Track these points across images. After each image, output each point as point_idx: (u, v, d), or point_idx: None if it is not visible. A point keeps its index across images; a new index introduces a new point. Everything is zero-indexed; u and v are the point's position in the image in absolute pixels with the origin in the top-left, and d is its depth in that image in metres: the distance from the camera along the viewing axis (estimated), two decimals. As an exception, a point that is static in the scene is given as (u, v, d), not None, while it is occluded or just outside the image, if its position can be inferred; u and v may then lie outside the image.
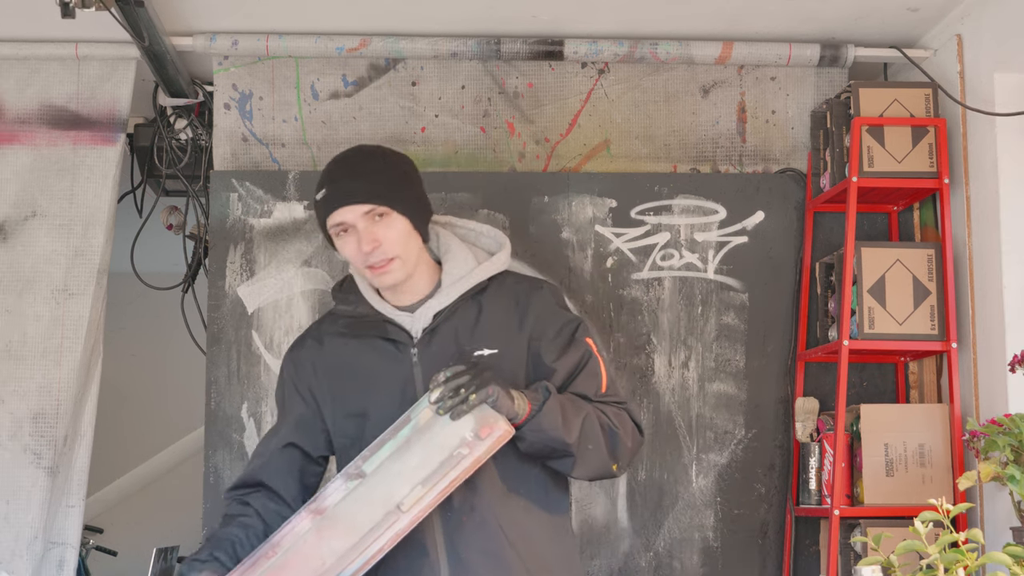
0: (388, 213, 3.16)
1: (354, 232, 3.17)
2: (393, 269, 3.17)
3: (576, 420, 3.05)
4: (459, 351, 3.17)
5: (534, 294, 3.25)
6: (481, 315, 3.22)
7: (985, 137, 4.14)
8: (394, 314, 3.23)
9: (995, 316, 4.07)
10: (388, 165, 3.26)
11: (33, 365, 4.40)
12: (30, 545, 4.29)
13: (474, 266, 3.27)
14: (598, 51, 4.52)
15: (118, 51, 4.50)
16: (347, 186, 3.18)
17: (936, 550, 2.82)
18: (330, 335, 3.31)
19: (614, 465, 3.14)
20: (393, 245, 3.16)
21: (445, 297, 3.22)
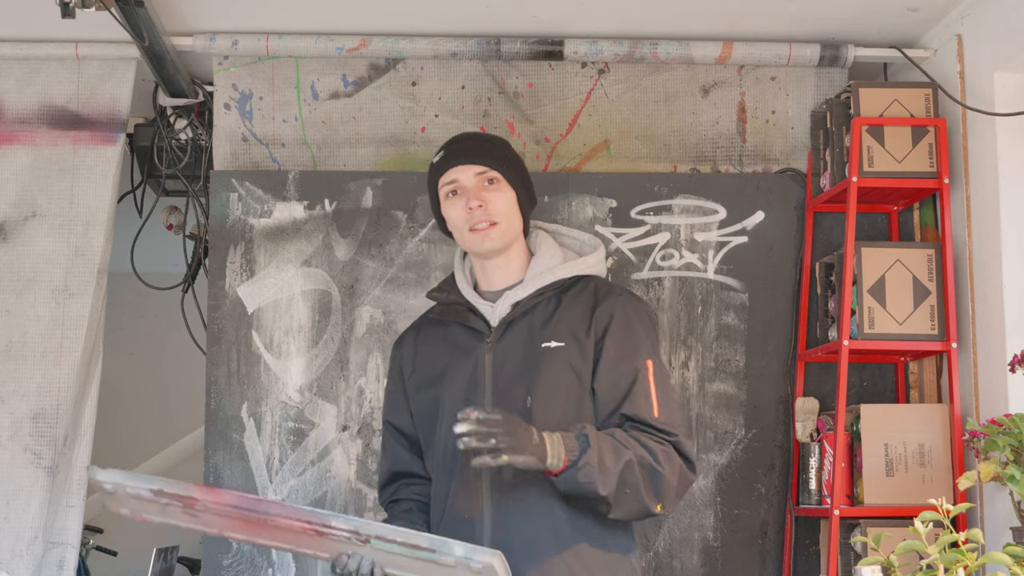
0: (499, 180, 3.31)
1: (463, 194, 3.30)
2: (493, 235, 3.29)
3: (614, 469, 3.05)
4: (529, 344, 3.25)
5: (614, 299, 3.31)
6: (558, 310, 3.29)
7: (985, 137, 4.13)
8: (477, 302, 3.35)
9: (995, 316, 4.06)
10: (506, 143, 3.45)
11: (33, 365, 4.39)
12: (30, 545, 4.29)
13: (560, 262, 3.36)
14: (598, 51, 4.52)
15: (118, 51, 4.49)
16: (465, 147, 3.36)
17: (936, 550, 2.81)
18: (426, 322, 3.47)
19: (657, 506, 3.14)
20: (498, 210, 3.29)
21: (524, 289, 3.31)
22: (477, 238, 3.29)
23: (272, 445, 4.38)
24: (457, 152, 3.36)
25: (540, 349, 3.25)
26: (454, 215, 3.34)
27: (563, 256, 3.40)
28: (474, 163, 3.32)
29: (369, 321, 4.44)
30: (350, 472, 4.38)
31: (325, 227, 4.47)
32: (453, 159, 3.35)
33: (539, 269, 3.35)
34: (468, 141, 3.41)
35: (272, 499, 2.94)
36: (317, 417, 4.41)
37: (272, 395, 4.40)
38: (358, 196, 4.48)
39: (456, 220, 3.33)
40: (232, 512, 2.90)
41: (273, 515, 2.89)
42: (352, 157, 4.60)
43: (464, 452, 2.99)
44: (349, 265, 4.46)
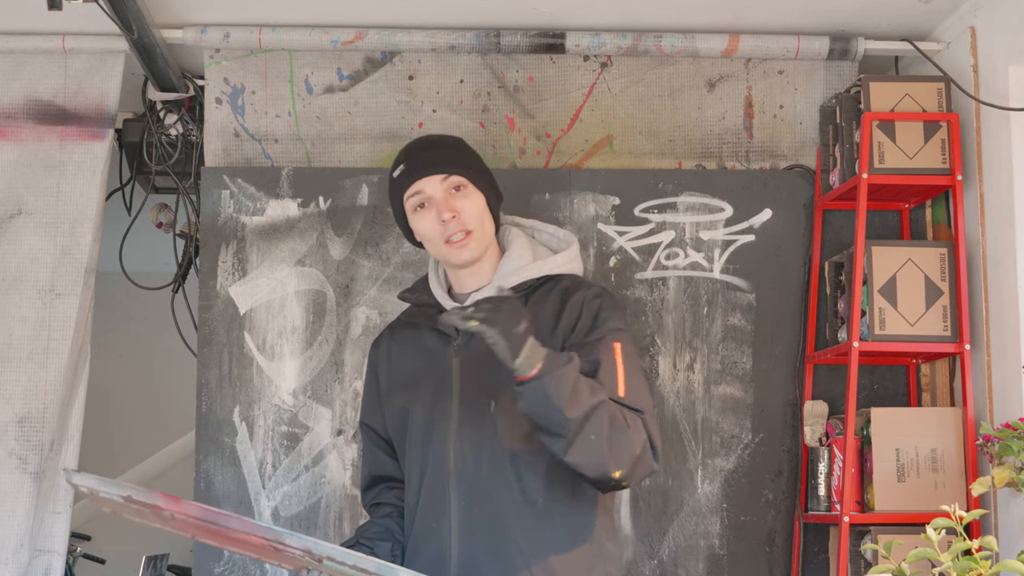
0: (466, 185, 3.28)
1: (432, 205, 3.27)
2: (471, 245, 3.26)
3: (587, 401, 2.98)
4: None
5: (584, 297, 3.26)
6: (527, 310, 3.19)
7: (999, 132, 4.10)
8: (447, 303, 3.33)
9: (1010, 317, 4.03)
10: (462, 144, 3.42)
11: (19, 367, 4.37)
12: (16, 553, 4.26)
13: (529, 262, 3.33)
14: (600, 44, 4.50)
15: (106, 44, 4.48)
16: (425, 157, 3.31)
17: (949, 558, 2.80)
18: (399, 324, 3.47)
19: (616, 471, 3.04)
20: (471, 217, 3.26)
21: (489, 290, 3.27)
22: (454, 251, 3.27)
23: (265, 450, 4.36)
24: (419, 164, 3.32)
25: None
26: (425, 229, 3.31)
27: (533, 255, 3.36)
28: (438, 172, 3.28)
29: (365, 322, 4.42)
30: (345, 477, 4.36)
31: (319, 225, 4.45)
32: (416, 171, 3.31)
33: (507, 270, 3.33)
34: (428, 151, 3.36)
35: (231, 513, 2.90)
36: (311, 421, 4.39)
37: (265, 398, 4.39)
38: (353, 193, 4.46)
39: (429, 233, 3.30)
40: (196, 523, 2.90)
41: (233, 528, 2.88)
42: (347, 153, 4.58)
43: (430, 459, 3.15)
44: (344, 264, 4.44)
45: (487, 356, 3.12)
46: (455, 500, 3.18)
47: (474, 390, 3.22)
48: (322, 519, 4.32)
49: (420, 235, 3.34)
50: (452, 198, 3.26)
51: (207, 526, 2.87)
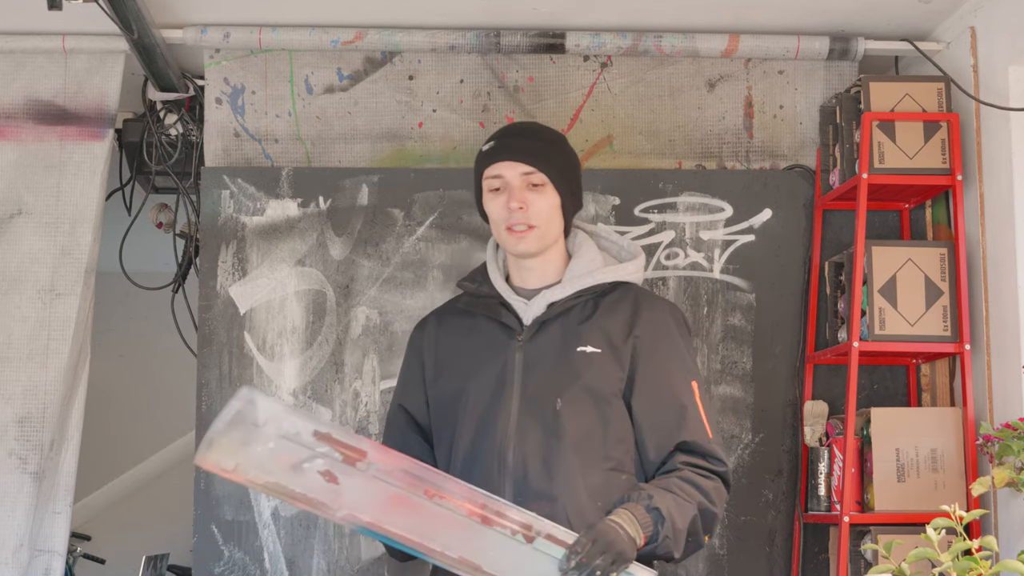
0: (544, 184, 3.26)
1: (506, 191, 3.25)
2: (529, 238, 3.24)
3: (684, 529, 3.06)
4: (562, 346, 3.21)
5: (655, 307, 3.29)
6: (595, 314, 3.25)
7: (999, 132, 4.09)
8: (511, 297, 3.30)
9: (1010, 317, 4.02)
10: (560, 143, 3.37)
11: (19, 367, 4.36)
12: (16, 553, 4.25)
13: (600, 266, 3.31)
14: (600, 44, 4.49)
15: (106, 44, 4.47)
16: (515, 143, 3.29)
17: (949, 558, 2.79)
18: (450, 313, 3.41)
19: (706, 539, 3.18)
20: (538, 214, 3.24)
21: (562, 290, 3.27)
22: (513, 239, 3.26)
23: (265, 450, 4.32)
24: (506, 147, 3.29)
25: (574, 353, 3.21)
26: (493, 211, 3.29)
27: (603, 260, 3.35)
28: (521, 162, 3.26)
29: (365, 322, 4.41)
30: (345, 477, 4.31)
31: (319, 225, 4.44)
32: (501, 153, 3.28)
33: (579, 271, 3.31)
34: (520, 137, 3.33)
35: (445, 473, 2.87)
36: (311, 421, 4.34)
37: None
38: (353, 193, 4.45)
39: (495, 216, 3.29)
40: (399, 479, 2.76)
41: (446, 489, 2.79)
42: (347, 153, 4.57)
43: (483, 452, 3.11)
44: (344, 264, 4.43)
45: (554, 352, 3.18)
46: (509, 495, 3.10)
47: (538, 387, 3.19)
48: (322, 519, 4.29)
49: (488, 216, 3.33)
50: (527, 190, 3.24)
51: (412, 485, 2.75)
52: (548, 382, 3.19)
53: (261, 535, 4.30)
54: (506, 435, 3.15)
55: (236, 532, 4.30)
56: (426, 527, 2.79)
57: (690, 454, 3.16)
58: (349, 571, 4.31)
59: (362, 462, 2.69)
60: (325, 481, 2.71)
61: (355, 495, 2.73)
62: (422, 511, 2.78)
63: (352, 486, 2.72)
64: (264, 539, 4.30)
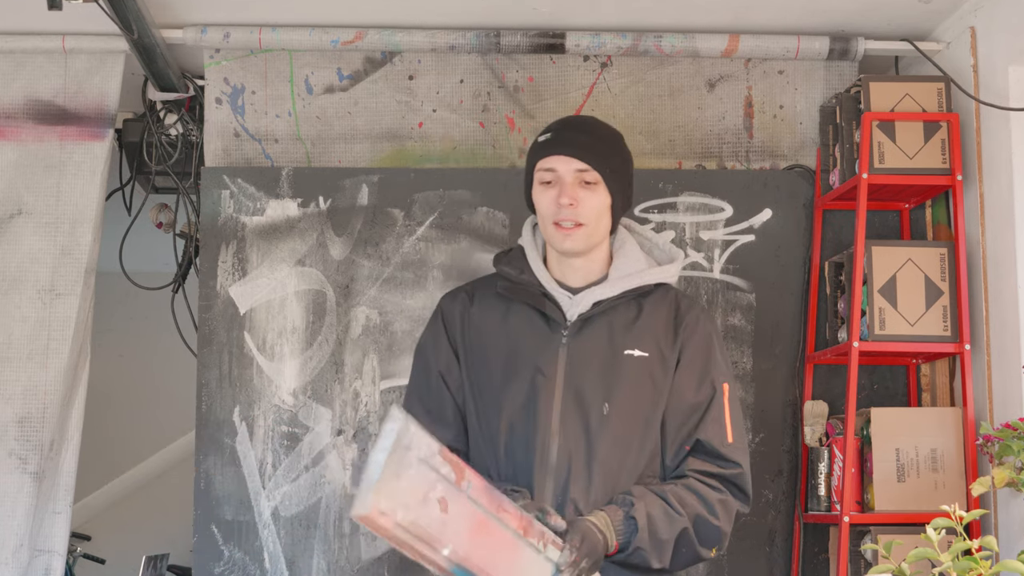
0: (597, 183, 3.21)
1: (558, 185, 3.19)
2: (577, 236, 3.19)
3: (669, 539, 3.05)
4: (609, 348, 3.17)
5: (695, 311, 3.28)
6: (640, 316, 3.22)
7: (999, 132, 4.09)
8: (555, 290, 3.25)
9: (1010, 317, 4.02)
10: (617, 141, 3.33)
11: (19, 367, 4.36)
12: (16, 553, 4.25)
13: (644, 268, 3.28)
14: (600, 44, 4.49)
15: (106, 44, 4.47)
16: (573, 138, 3.23)
17: (949, 558, 2.78)
18: (484, 294, 3.32)
19: (712, 552, 3.16)
20: (588, 213, 3.19)
21: (610, 288, 3.23)
22: (560, 235, 3.21)
23: (265, 450, 4.35)
24: (563, 141, 3.23)
25: (622, 356, 3.18)
26: (542, 204, 3.24)
27: (646, 261, 3.32)
28: (577, 158, 3.20)
29: (365, 322, 4.40)
30: (345, 477, 4.35)
31: (319, 225, 4.43)
32: (557, 147, 3.23)
33: (626, 270, 3.27)
34: (578, 132, 3.28)
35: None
36: (311, 421, 4.37)
37: (265, 398, 4.37)
38: (353, 193, 4.44)
39: (544, 210, 3.23)
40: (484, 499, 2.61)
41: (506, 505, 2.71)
42: (347, 153, 4.57)
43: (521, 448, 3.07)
44: (344, 264, 4.43)
45: (601, 352, 3.15)
46: (551, 495, 3.08)
47: (585, 387, 3.15)
48: (322, 519, 4.30)
49: (536, 208, 3.27)
50: (579, 187, 3.18)
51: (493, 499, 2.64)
52: (596, 383, 3.15)
53: (261, 535, 4.30)
54: (549, 430, 3.12)
55: (236, 532, 4.30)
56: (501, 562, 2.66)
57: (704, 456, 3.15)
58: (349, 571, 4.31)
59: (464, 480, 2.54)
60: (440, 511, 2.46)
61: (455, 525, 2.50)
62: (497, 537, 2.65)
63: (456, 514, 2.50)
64: (264, 539, 4.29)
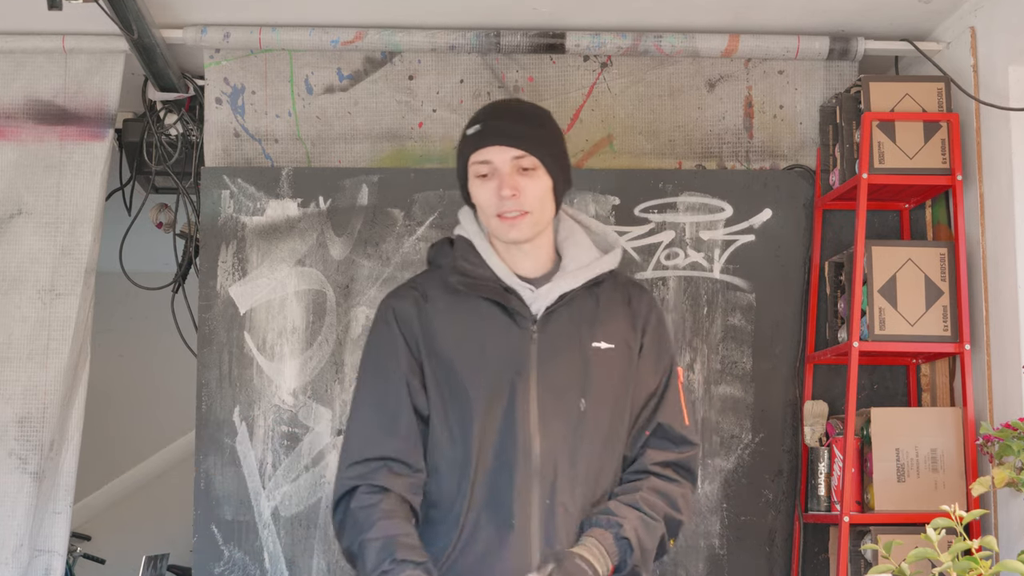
0: (536, 168, 3.11)
1: (496, 177, 3.10)
2: (524, 224, 3.10)
3: (652, 548, 3.06)
4: (577, 341, 3.11)
5: (646, 298, 3.24)
6: (599, 307, 3.17)
7: (999, 132, 4.09)
8: (516, 283, 3.14)
9: (1010, 317, 4.02)
10: (548, 121, 3.23)
11: (19, 367, 4.36)
12: (16, 553, 4.24)
13: (597, 256, 3.21)
14: (600, 44, 4.48)
15: (106, 44, 4.46)
16: (505, 127, 3.12)
17: (949, 558, 2.79)
18: (436, 291, 3.18)
19: (671, 543, 3.16)
20: (531, 200, 3.09)
21: (573, 280, 3.15)
22: (506, 225, 3.11)
23: (265, 450, 4.35)
24: (495, 130, 3.12)
25: (590, 349, 3.12)
26: (482, 198, 3.13)
27: (595, 247, 3.25)
28: (512, 146, 3.10)
29: (365, 322, 4.39)
30: (345, 477, 4.31)
31: (319, 225, 4.43)
32: (489, 137, 3.12)
33: (583, 260, 3.19)
34: (508, 120, 3.16)
35: None
36: (311, 421, 4.37)
37: (265, 398, 4.37)
38: (353, 193, 4.44)
39: (485, 204, 3.13)
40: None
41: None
42: (347, 153, 4.56)
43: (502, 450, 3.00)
44: (344, 264, 4.42)
45: (569, 346, 3.10)
46: (537, 500, 3.04)
47: (558, 383, 3.09)
48: (322, 519, 4.30)
49: (475, 201, 3.16)
50: (518, 175, 3.09)
51: None
52: (569, 378, 3.10)
53: (261, 535, 4.30)
54: (529, 431, 3.05)
55: (236, 532, 4.29)
56: None
57: (664, 439, 3.14)
58: (349, 571, 4.29)
59: None
60: None
61: None
62: None
63: None
64: (264, 539, 4.29)
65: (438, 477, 3.10)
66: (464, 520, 3.06)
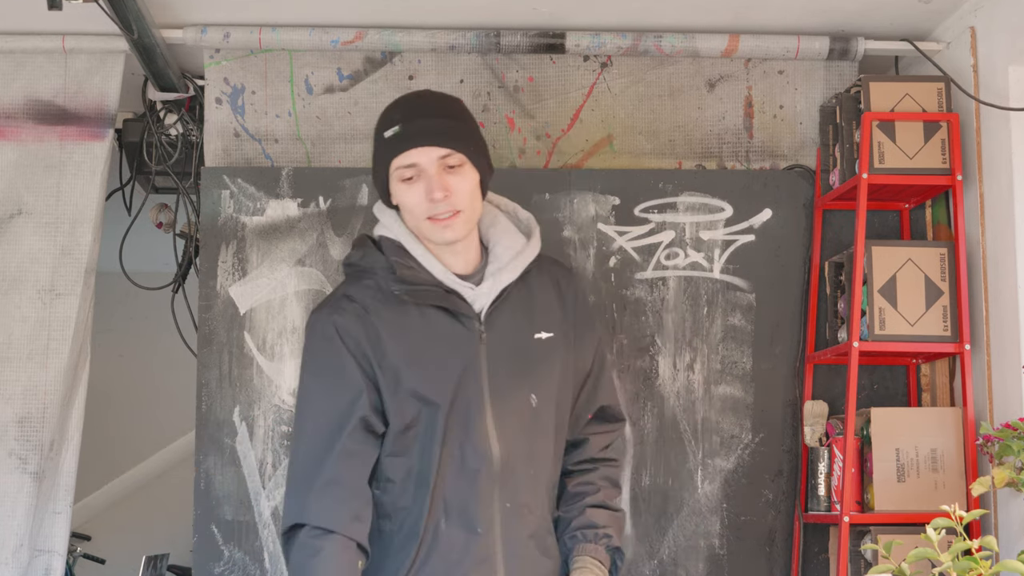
0: (463, 164, 3.05)
1: (423, 178, 3.03)
2: (457, 224, 3.04)
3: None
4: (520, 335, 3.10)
5: (570, 279, 3.24)
6: (533, 296, 3.15)
7: (999, 132, 4.08)
8: (459, 285, 3.07)
9: (1010, 317, 4.01)
10: (465, 111, 3.15)
11: (19, 367, 4.35)
12: (16, 553, 4.24)
13: (524, 242, 3.17)
14: (600, 44, 4.47)
15: (106, 44, 4.45)
16: (426, 126, 3.05)
17: (949, 558, 2.80)
18: (375, 301, 3.10)
19: None
20: (462, 198, 3.04)
21: (512, 271, 3.11)
22: (439, 227, 3.04)
23: (265, 450, 4.33)
24: (417, 131, 3.04)
25: (533, 341, 3.09)
26: (410, 202, 3.05)
27: (520, 233, 3.21)
28: (437, 145, 3.03)
29: (365, 322, 4.36)
30: (345, 477, 4.31)
31: (320, 225, 4.42)
32: (412, 139, 3.04)
33: (514, 249, 3.15)
34: (427, 117, 3.08)
35: None
36: (311, 421, 4.33)
37: (265, 398, 4.35)
38: (353, 193, 4.43)
39: (413, 207, 3.05)
40: None
41: None
42: (347, 153, 4.55)
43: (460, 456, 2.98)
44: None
45: (513, 341, 3.08)
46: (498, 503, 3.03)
47: (511, 382, 3.07)
48: (322, 519, 4.29)
49: (402, 205, 3.08)
50: (447, 175, 3.03)
51: None
52: (518, 374, 3.06)
53: (261, 535, 4.29)
54: (487, 436, 3.02)
55: (236, 532, 4.29)
56: None
57: (603, 421, 3.18)
58: (349, 571, 4.30)
59: None
60: None
61: None
62: None
63: None
64: (264, 539, 4.28)
65: (391, 488, 3.04)
66: (424, 531, 3.00)
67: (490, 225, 3.19)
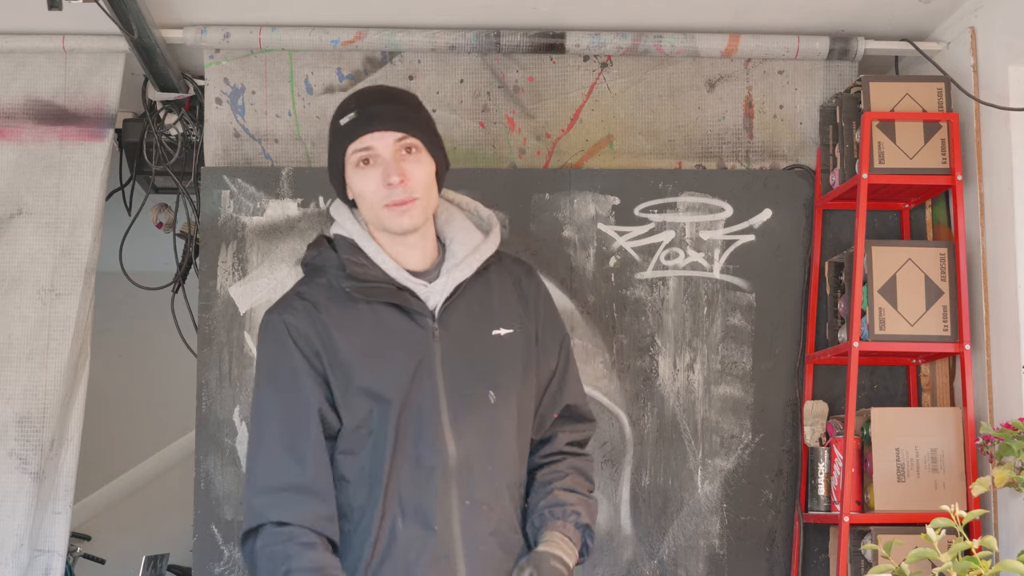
0: (420, 149, 3.03)
1: (379, 164, 3.00)
2: (414, 211, 3.01)
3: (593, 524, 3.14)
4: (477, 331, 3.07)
5: (531, 277, 3.22)
6: (492, 293, 3.12)
7: (999, 132, 4.08)
8: (411, 282, 3.05)
9: (1010, 317, 4.01)
10: (421, 104, 3.15)
11: (19, 367, 4.34)
12: (15, 553, 4.24)
13: (481, 238, 3.15)
14: (601, 44, 4.47)
15: (106, 44, 4.45)
16: (382, 111, 3.03)
17: (949, 558, 2.79)
18: (326, 299, 3.07)
19: None
20: (419, 184, 3.01)
21: (467, 268, 3.08)
22: (395, 214, 3.00)
23: (265, 450, 4.30)
24: (373, 116, 3.02)
25: (491, 337, 3.07)
26: (366, 188, 3.01)
27: (477, 229, 3.18)
28: (394, 130, 3.00)
29: (365, 322, 4.36)
30: (345, 477, 4.30)
31: (320, 225, 4.41)
32: (368, 124, 3.01)
33: (471, 244, 3.11)
34: (384, 104, 3.06)
35: None
36: (311, 421, 4.33)
37: (265, 398, 4.32)
38: (353, 193, 4.40)
39: (369, 195, 3.02)
40: None
41: None
42: (347, 153, 4.52)
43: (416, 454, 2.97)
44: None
45: (469, 338, 3.05)
46: (456, 500, 3.00)
47: (467, 379, 3.03)
48: (322, 519, 4.29)
49: (357, 193, 3.05)
50: (403, 160, 2.99)
51: None
52: (476, 372, 3.04)
53: (261, 535, 4.28)
54: (442, 434, 2.99)
55: (236, 532, 4.28)
56: None
57: (570, 420, 3.17)
58: (349, 571, 4.30)
59: None
60: None
61: None
62: None
63: None
64: (264, 539, 4.28)
65: (346, 487, 3.01)
66: (378, 529, 2.99)
67: (446, 222, 3.16)
